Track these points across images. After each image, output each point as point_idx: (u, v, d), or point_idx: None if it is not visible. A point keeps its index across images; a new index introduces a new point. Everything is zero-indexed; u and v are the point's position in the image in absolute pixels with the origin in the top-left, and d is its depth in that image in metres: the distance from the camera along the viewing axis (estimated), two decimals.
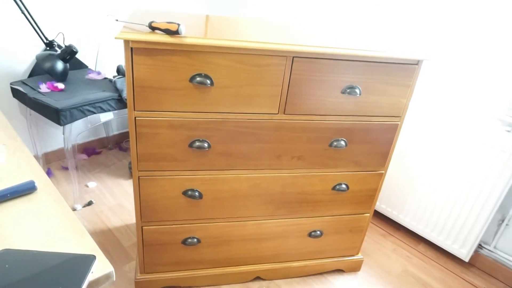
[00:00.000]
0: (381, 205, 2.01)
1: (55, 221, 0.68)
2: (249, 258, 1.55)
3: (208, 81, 1.10)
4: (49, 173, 2.15)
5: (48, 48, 1.81)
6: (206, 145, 1.21)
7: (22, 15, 1.65)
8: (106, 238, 1.74)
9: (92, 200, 1.96)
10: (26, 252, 0.59)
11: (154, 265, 1.45)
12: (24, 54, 1.93)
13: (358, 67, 1.20)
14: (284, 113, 1.23)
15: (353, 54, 1.15)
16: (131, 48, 1.02)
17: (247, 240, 1.49)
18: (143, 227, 1.34)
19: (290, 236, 1.53)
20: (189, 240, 1.41)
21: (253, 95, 1.17)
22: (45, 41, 1.77)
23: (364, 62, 1.19)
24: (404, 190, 1.89)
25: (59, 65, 1.81)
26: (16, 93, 1.79)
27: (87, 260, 0.58)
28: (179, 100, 1.13)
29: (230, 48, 1.06)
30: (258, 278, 1.61)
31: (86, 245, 0.63)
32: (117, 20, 1.04)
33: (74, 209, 1.89)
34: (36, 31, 1.72)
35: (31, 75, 1.95)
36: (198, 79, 1.09)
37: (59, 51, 1.81)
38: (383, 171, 1.46)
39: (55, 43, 1.80)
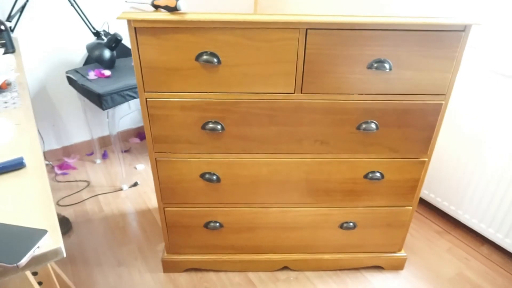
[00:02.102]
0: (437, 198, 1.78)
1: (29, 196, 0.70)
2: (276, 247, 1.49)
3: (215, 60, 1.05)
4: (104, 155, 2.33)
5: (96, 38, 1.93)
6: (219, 127, 1.17)
7: (72, 8, 1.78)
8: (145, 218, 1.82)
9: (138, 181, 2.07)
10: None
11: (179, 246, 1.47)
12: (79, 44, 2.08)
13: (386, 37, 1.04)
14: (301, 93, 1.13)
15: (378, 22, 1.00)
16: (135, 28, 1.01)
17: (272, 228, 1.42)
18: (165, 208, 1.36)
19: (319, 227, 1.43)
20: (212, 224, 1.39)
21: (265, 74, 1.09)
22: (93, 31, 1.88)
23: (393, 31, 1.03)
24: (462, 182, 1.63)
25: (106, 53, 1.91)
26: (70, 81, 1.95)
27: (36, 234, 0.59)
28: (188, 80, 1.10)
29: (232, 22, 0.99)
30: (286, 268, 1.54)
31: (48, 221, 0.64)
32: (126, 1, 1.04)
33: (121, 189, 2.01)
34: (85, 22, 1.83)
35: (85, 64, 2.11)
36: (204, 57, 1.05)
37: (105, 39, 1.91)
38: (425, 159, 1.27)
39: (101, 33, 1.91)
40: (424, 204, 1.93)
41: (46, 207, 0.67)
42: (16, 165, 0.77)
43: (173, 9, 0.97)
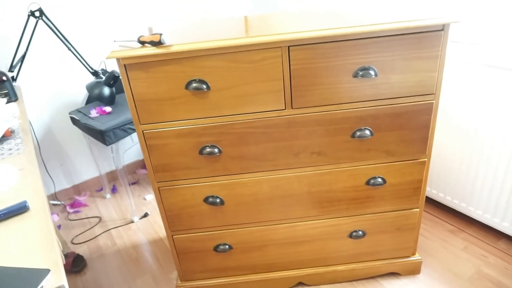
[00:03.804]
0: (446, 196, 1.75)
1: (33, 238, 0.72)
2: (289, 263, 1.48)
3: (204, 86, 1.09)
4: (114, 189, 2.37)
5: (95, 77, 2.00)
6: (216, 150, 1.20)
7: (69, 51, 1.86)
8: (158, 247, 1.83)
9: (148, 212, 2.10)
10: None
11: (192, 272, 1.47)
12: (79, 85, 2.16)
13: (367, 45, 1.06)
14: (292, 108, 1.15)
15: (356, 32, 1.02)
16: (124, 65, 1.06)
17: (282, 244, 1.42)
18: (173, 236, 1.37)
19: (329, 238, 1.42)
20: (221, 246, 1.40)
21: (254, 93, 1.12)
22: (91, 71, 1.96)
23: (373, 38, 1.05)
24: (469, 178, 1.61)
25: (106, 91, 1.98)
26: (74, 121, 2.01)
27: (40, 274, 0.61)
28: (180, 108, 1.13)
29: (215, 48, 1.03)
30: (301, 284, 1.52)
31: (50, 261, 0.66)
32: (114, 41, 1.09)
33: (132, 221, 2.04)
34: (83, 63, 1.91)
35: (87, 103, 2.18)
36: (193, 85, 1.09)
37: (104, 78, 1.98)
38: (425, 159, 1.27)
39: (99, 72, 1.98)
40: (434, 204, 1.91)
41: (49, 247, 0.69)
42: (20, 209, 0.80)
43: (158, 43, 1.01)
